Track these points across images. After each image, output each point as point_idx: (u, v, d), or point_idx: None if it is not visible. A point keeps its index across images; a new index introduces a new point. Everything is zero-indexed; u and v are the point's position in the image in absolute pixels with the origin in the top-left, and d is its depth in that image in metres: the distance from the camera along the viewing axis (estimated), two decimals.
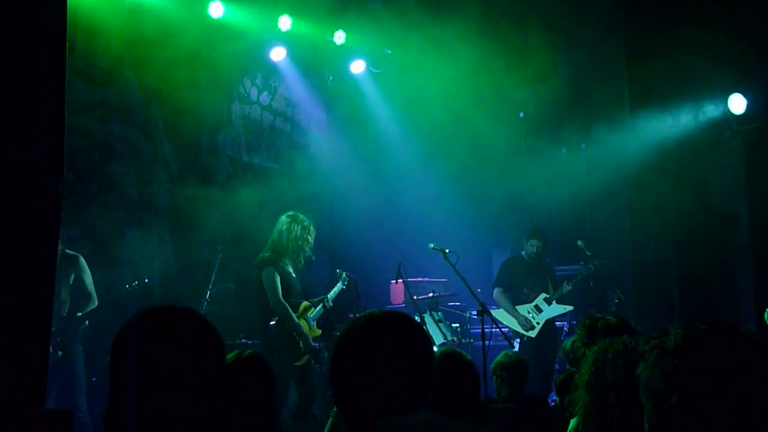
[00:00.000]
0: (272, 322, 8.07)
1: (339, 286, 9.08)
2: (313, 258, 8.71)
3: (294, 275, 8.30)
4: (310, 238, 8.43)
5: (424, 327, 7.95)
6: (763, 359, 1.91)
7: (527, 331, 9.97)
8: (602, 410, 2.75)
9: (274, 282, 8.05)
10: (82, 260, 7.91)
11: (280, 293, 8.04)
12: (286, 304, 8.09)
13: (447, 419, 1.38)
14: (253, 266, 8.37)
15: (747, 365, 1.89)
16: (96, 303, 7.90)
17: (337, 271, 9.47)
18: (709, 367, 1.89)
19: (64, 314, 7.60)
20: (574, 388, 2.97)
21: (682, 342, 1.94)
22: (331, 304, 8.81)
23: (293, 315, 8.14)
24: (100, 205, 9.43)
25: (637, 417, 2.11)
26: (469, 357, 4.66)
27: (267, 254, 8.25)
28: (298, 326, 8.14)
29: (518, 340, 9.89)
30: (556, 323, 10.60)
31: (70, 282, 7.74)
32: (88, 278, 7.91)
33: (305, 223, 8.38)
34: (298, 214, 8.45)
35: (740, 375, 1.87)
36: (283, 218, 8.40)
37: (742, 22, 9.99)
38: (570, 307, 10.23)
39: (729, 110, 10.34)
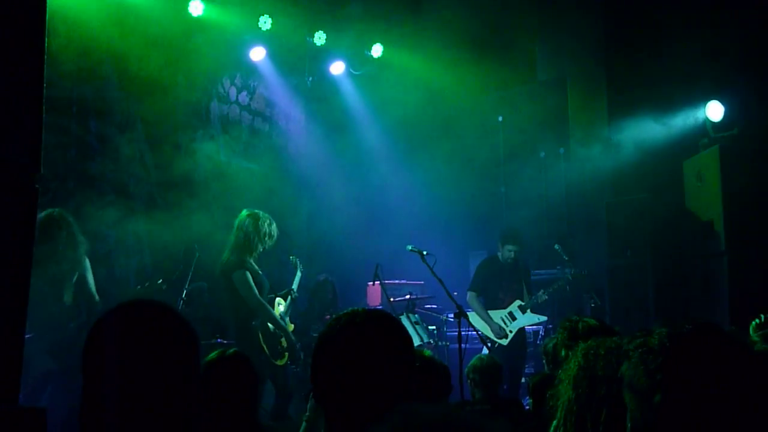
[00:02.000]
0: (254, 322, 8.01)
1: (298, 274, 9.04)
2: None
3: (261, 272, 8.23)
4: (275, 233, 8.35)
5: None
6: (746, 359, 1.92)
7: (500, 339, 9.97)
8: (589, 405, 2.75)
9: (249, 283, 7.96)
10: (87, 260, 7.65)
11: (257, 294, 7.98)
12: (266, 304, 8.05)
13: (466, 412, 1.37)
14: (218, 271, 8.22)
15: (730, 365, 1.90)
16: (98, 302, 7.65)
17: (290, 258, 9.38)
18: (693, 367, 1.89)
19: (72, 325, 7.35)
20: (557, 382, 2.96)
21: (667, 341, 1.95)
22: (297, 294, 8.76)
23: (274, 314, 8.11)
24: (77, 203, 9.36)
25: (624, 414, 2.12)
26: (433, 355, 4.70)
27: (233, 257, 8.12)
28: (281, 323, 8.11)
29: (489, 344, 9.90)
30: (531, 327, 10.64)
31: (73, 281, 7.52)
32: (91, 278, 7.69)
33: (268, 219, 8.30)
34: (256, 210, 8.35)
35: (724, 374, 1.88)
36: (245, 218, 8.24)
37: (720, 30, 10.06)
38: (544, 318, 10.23)
39: (706, 117, 10.41)
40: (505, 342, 9.94)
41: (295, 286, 8.80)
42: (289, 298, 8.60)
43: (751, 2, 10.34)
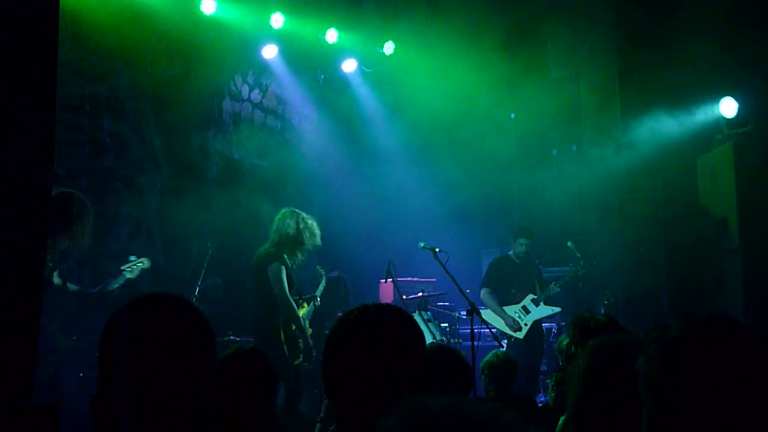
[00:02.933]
0: (276, 319, 8.01)
1: (323, 283, 9.11)
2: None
3: (293, 274, 8.25)
4: (316, 236, 8.38)
5: None
6: (762, 352, 1.91)
7: (515, 332, 9.97)
8: (598, 402, 2.73)
9: (281, 278, 7.97)
10: None
11: (287, 290, 7.99)
12: (293, 303, 8.05)
13: (473, 402, 1.37)
14: (256, 259, 8.23)
15: (747, 358, 1.88)
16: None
17: (317, 268, 9.47)
18: (710, 360, 1.88)
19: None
20: (567, 380, 2.96)
21: (683, 335, 1.94)
22: (320, 303, 8.81)
23: (298, 314, 8.12)
24: (90, 201, 9.37)
25: (635, 410, 2.10)
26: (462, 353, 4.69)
27: (273, 249, 8.16)
28: (303, 324, 8.13)
29: (505, 340, 9.89)
30: (544, 324, 10.62)
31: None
32: None
33: (309, 220, 8.33)
34: (296, 209, 8.38)
35: (740, 368, 1.87)
36: (286, 212, 8.29)
37: (733, 26, 10.01)
38: (557, 309, 10.24)
39: (720, 114, 10.36)
40: (521, 335, 9.94)
41: (318, 294, 8.84)
42: (312, 303, 8.64)
43: None
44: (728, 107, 10.36)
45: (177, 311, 2.14)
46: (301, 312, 8.36)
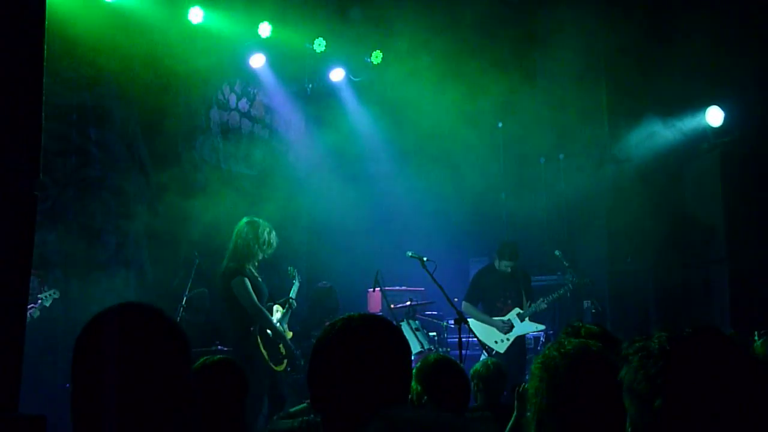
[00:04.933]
0: (252, 328, 8.01)
1: (296, 283, 9.08)
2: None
3: (260, 279, 8.24)
4: (274, 241, 8.37)
5: None
6: (746, 363, 1.91)
7: (505, 333, 9.95)
8: (553, 413, 2.74)
9: (247, 290, 7.97)
10: None
11: (256, 301, 7.99)
12: (265, 311, 8.06)
13: (451, 416, 1.37)
14: (219, 278, 8.22)
15: (731, 369, 1.89)
16: None
17: (288, 268, 9.41)
18: (694, 371, 1.88)
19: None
20: (527, 392, 2.96)
21: (667, 345, 1.94)
22: (296, 304, 8.79)
23: (272, 321, 8.12)
24: (77, 210, 9.36)
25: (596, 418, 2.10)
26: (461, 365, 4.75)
27: (231, 264, 8.14)
28: (279, 330, 8.13)
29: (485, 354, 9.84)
30: (532, 334, 10.60)
31: None
32: None
33: (268, 227, 8.32)
34: (255, 218, 8.37)
35: (724, 378, 1.87)
36: (244, 225, 8.26)
37: (719, 36, 10.07)
38: (542, 327, 10.18)
39: (706, 123, 10.41)
40: (501, 349, 9.89)
41: (293, 295, 8.82)
42: (287, 306, 8.61)
43: (752, 7, 10.34)
44: (714, 116, 10.43)
45: (148, 321, 2.13)
46: (276, 316, 8.35)
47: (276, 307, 8.48)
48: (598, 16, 11.77)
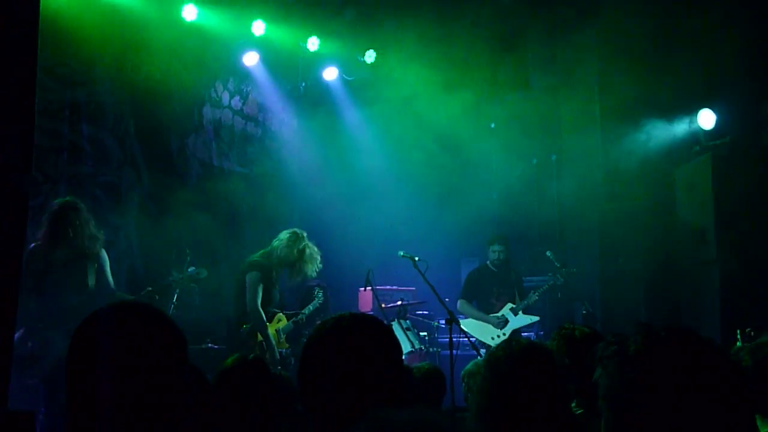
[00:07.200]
0: (245, 326, 8.03)
1: (315, 303, 9.15)
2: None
3: (276, 287, 8.31)
4: (313, 267, 8.42)
5: None
6: (723, 365, 1.91)
7: (501, 329, 10.01)
8: (494, 410, 2.77)
9: (255, 286, 8.05)
10: (104, 253, 7.67)
11: (259, 300, 8.03)
12: (262, 313, 8.08)
13: (437, 415, 1.37)
14: (240, 265, 8.37)
15: (708, 371, 1.89)
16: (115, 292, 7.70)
17: (316, 289, 9.53)
18: (671, 374, 1.88)
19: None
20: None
21: (643, 348, 1.94)
22: (305, 321, 8.84)
23: (266, 325, 8.13)
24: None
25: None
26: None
27: (257, 258, 8.24)
28: (269, 337, 8.13)
29: (484, 350, 9.89)
30: (523, 334, 10.63)
31: (93, 269, 7.56)
32: (108, 270, 7.70)
33: (313, 251, 8.45)
34: (303, 233, 8.49)
35: (701, 381, 1.87)
36: (295, 235, 8.50)
37: (711, 38, 10.08)
38: (536, 318, 10.27)
39: (698, 125, 10.43)
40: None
41: (306, 312, 8.90)
42: (292, 321, 8.69)
43: (743, 11, 10.36)
44: (706, 119, 10.45)
45: (145, 320, 2.13)
46: (278, 326, 8.37)
47: (279, 316, 8.50)
48: (591, 18, 11.79)
